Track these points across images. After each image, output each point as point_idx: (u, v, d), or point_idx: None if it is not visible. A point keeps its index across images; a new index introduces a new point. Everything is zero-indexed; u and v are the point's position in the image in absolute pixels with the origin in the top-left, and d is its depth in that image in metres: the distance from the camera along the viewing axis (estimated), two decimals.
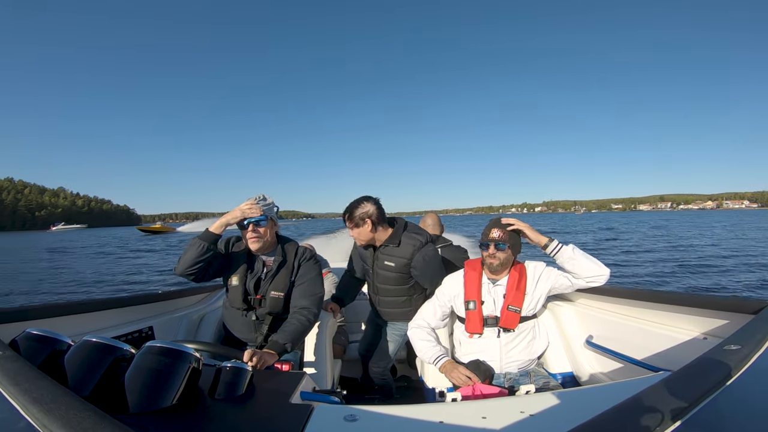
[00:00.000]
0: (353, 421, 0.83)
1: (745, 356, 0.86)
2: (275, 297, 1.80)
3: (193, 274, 1.71)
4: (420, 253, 1.99)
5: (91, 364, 0.86)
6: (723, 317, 1.38)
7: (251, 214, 1.72)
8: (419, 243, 2.02)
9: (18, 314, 1.40)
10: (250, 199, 1.77)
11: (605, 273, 1.71)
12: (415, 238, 2.04)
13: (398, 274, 2.08)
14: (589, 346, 1.83)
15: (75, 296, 9.59)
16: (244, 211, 1.72)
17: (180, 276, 1.73)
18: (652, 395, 0.68)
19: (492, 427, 0.80)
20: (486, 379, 1.64)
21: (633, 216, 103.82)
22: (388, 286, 2.14)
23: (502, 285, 1.82)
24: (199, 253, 1.67)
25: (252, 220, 1.74)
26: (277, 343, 1.54)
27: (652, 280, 9.58)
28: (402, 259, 2.03)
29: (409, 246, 2.02)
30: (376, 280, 2.18)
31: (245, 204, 1.74)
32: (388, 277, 2.11)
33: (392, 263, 2.06)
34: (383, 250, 2.09)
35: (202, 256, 1.68)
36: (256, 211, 1.73)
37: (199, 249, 1.67)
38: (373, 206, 2.01)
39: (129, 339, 1.81)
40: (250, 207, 1.73)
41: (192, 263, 1.68)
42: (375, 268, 2.15)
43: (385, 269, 2.10)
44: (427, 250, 2.01)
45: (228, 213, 1.74)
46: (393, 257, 2.06)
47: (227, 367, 0.95)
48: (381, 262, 2.11)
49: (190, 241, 1.70)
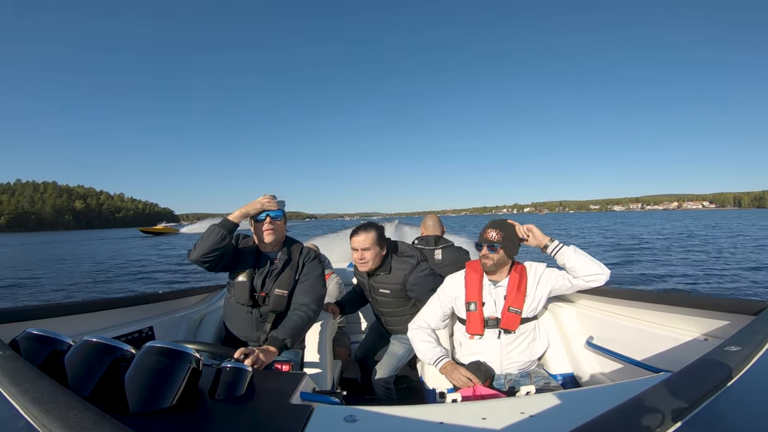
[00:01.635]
0: (353, 421, 0.83)
1: (746, 357, 0.86)
2: (279, 294, 1.83)
3: (208, 262, 1.75)
4: (413, 276, 2.03)
5: (91, 364, 0.86)
6: (723, 318, 1.38)
7: (270, 207, 1.82)
8: (410, 266, 2.05)
9: (18, 314, 1.40)
10: (267, 195, 1.85)
11: (605, 273, 1.71)
12: (405, 262, 2.07)
13: (396, 298, 2.12)
14: (590, 347, 1.83)
15: (75, 296, 9.60)
16: (263, 203, 1.81)
17: (194, 262, 1.76)
18: (652, 396, 0.68)
19: (492, 427, 0.80)
20: (486, 380, 1.64)
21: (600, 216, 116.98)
22: (390, 309, 2.18)
23: (503, 286, 1.82)
24: (217, 241, 1.71)
25: (271, 213, 1.82)
26: (277, 338, 1.55)
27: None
28: (395, 285, 2.07)
29: (399, 271, 2.06)
30: (378, 305, 2.22)
31: (264, 197, 1.83)
32: (388, 302, 2.16)
33: (387, 290, 2.11)
34: (375, 279, 2.13)
35: (220, 244, 1.72)
36: (274, 204, 1.83)
37: (217, 236, 1.71)
38: (373, 234, 2.03)
39: (129, 339, 1.81)
40: (269, 200, 1.83)
41: (209, 250, 1.71)
42: (373, 295, 2.20)
43: (382, 296, 2.15)
44: (418, 271, 2.04)
45: (248, 204, 1.82)
46: (386, 284, 2.10)
47: (227, 367, 0.95)
48: (376, 290, 2.15)
49: (208, 228, 1.75)
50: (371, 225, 2.09)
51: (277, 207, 1.84)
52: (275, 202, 1.84)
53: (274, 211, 1.83)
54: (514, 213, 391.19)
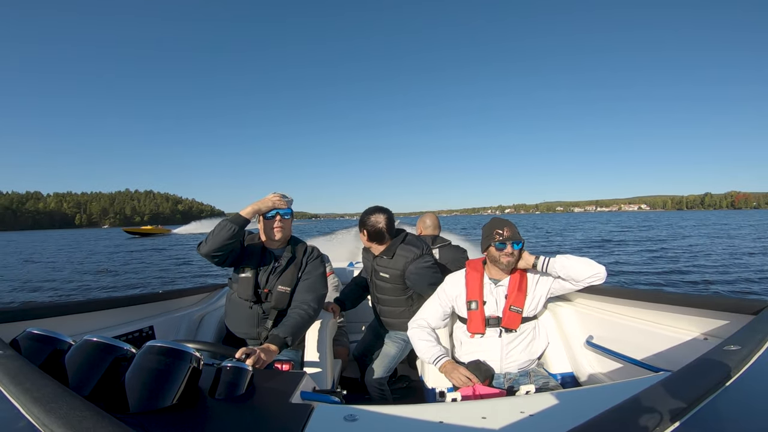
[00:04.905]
0: (353, 421, 0.83)
1: (745, 357, 0.86)
2: (282, 291, 1.84)
3: (217, 257, 1.76)
4: (413, 265, 2.02)
5: (91, 363, 0.86)
6: (723, 318, 1.38)
7: (281, 206, 1.86)
8: (413, 255, 2.04)
9: (19, 314, 1.40)
10: (277, 193, 1.88)
11: (601, 271, 1.71)
12: (410, 250, 2.06)
13: (394, 285, 2.12)
14: (589, 346, 1.83)
15: (76, 296, 9.60)
16: (275, 201, 1.84)
17: (204, 256, 1.77)
18: (652, 395, 0.68)
19: (492, 427, 0.80)
20: (486, 380, 1.64)
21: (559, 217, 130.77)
22: (386, 296, 2.18)
23: (504, 285, 1.82)
24: (228, 236, 1.72)
25: (281, 211, 1.86)
26: (277, 337, 1.55)
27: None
28: (395, 270, 2.07)
29: (401, 258, 2.05)
30: (376, 290, 2.22)
31: (274, 195, 1.86)
32: (385, 287, 2.15)
33: (386, 274, 2.11)
34: (378, 261, 2.13)
35: (230, 240, 1.73)
36: (284, 203, 1.87)
37: (229, 231, 1.72)
38: (382, 218, 2.05)
39: (129, 338, 1.81)
40: (280, 199, 1.86)
41: (220, 245, 1.72)
42: (373, 278, 2.20)
43: (381, 280, 2.15)
44: (420, 262, 2.03)
45: (259, 201, 1.85)
46: (387, 269, 2.10)
47: (227, 366, 0.95)
48: (377, 273, 2.15)
49: (219, 223, 1.76)
50: (381, 209, 2.11)
51: (287, 205, 1.88)
52: (285, 201, 1.87)
53: (284, 209, 1.86)
54: (497, 214, 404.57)
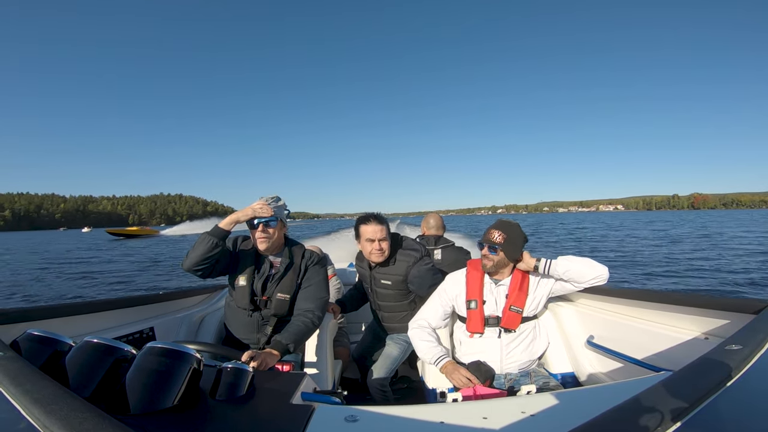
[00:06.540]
0: (354, 421, 0.83)
1: (747, 356, 0.85)
2: (281, 299, 1.80)
3: (201, 270, 1.72)
4: (415, 268, 2.03)
5: (92, 364, 0.85)
6: (724, 317, 1.38)
7: (262, 214, 1.73)
8: (414, 259, 2.05)
9: (19, 315, 1.40)
10: (262, 199, 1.79)
11: (603, 272, 1.70)
12: (409, 255, 2.07)
13: (396, 291, 2.12)
14: (590, 346, 1.83)
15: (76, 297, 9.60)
16: (255, 210, 1.73)
17: (187, 271, 1.73)
18: (653, 395, 0.68)
19: (493, 427, 0.80)
20: (487, 380, 1.64)
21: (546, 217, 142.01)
22: (388, 302, 2.18)
23: (505, 285, 1.82)
24: (207, 249, 1.67)
25: (262, 220, 1.74)
26: (280, 343, 1.54)
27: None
28: (398, 276, 2.07)
29: (403, 263, 2.06)
30: (377, 298, 2.22)
31: (257, 203, 1.76)
32: (387, 294, 2.15)
33: (388, 281, 2.10)
34: (378, 269, 2.12)
35: (210, 252, 1.68)
36: (267, 211, 1.74)
37: (208, 245, 1.67)
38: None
39: (130, 340, 1.81)
40: (262, 206, 1.74)
41: (200, 259, 1.68)
42: (373, 287, 2.19)
43: (382, 288, 2.14)
44: (421, 265, 2.04)
45: (239, 210, 1.77)
46: (389, 275, 2.10)
47: (228, 367, 0.95)
48: (378, 281, 2.14)
49: (199, 237, 1.72)
50: (381, 215, 2.09)
51: (271, 213, 1.74)
52: (269, 208, 1.75)
53: (266, 218, 1.74)
54: (489, 214, 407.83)
